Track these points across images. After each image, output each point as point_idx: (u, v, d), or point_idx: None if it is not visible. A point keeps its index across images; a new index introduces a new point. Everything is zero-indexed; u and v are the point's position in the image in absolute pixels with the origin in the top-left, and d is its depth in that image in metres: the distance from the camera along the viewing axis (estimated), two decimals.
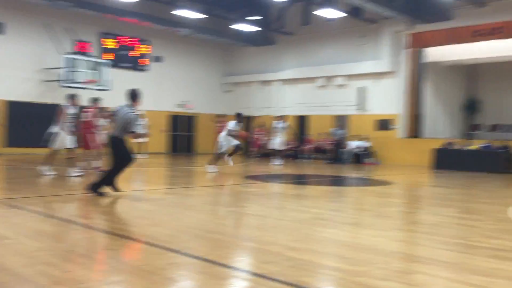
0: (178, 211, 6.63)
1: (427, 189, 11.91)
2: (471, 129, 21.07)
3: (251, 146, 21.32)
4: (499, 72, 20.59)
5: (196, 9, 20.06)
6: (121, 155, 7.52)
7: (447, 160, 17.05)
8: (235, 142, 13.47)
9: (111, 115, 7.76)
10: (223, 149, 13.36)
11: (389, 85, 20.20)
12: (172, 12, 20.20)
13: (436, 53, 19.44)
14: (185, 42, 24.09)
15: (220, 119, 17.81)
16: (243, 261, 4.30)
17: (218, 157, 13.42)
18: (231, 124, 13.41)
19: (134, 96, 7.63)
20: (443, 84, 20.67)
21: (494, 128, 20.37)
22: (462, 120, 21.68)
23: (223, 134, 13.42)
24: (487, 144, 17.04)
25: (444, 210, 7.75)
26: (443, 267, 4.12)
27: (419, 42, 19.25)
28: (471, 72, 21.65)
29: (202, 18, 21.21)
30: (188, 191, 9.52)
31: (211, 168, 13.06)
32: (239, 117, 13.64)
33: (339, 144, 19.84)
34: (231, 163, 14.03)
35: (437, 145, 17.88)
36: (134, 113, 7.42)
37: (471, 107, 21.49)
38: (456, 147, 17.68)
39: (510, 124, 20.11)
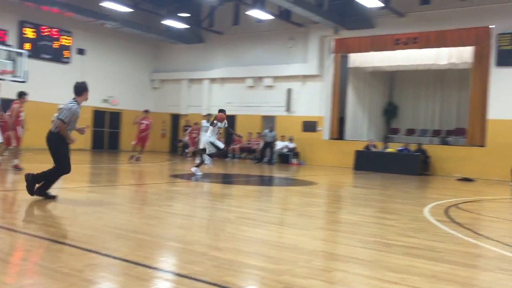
0: (99, 210, 6.39)
1: (349, 190, 12.37)
2: (389, 133, 22.18)
3: (189, 144, 20.55)
4: (415, 80, 21.85)
5: (123, 2, 19.50)
6: (57, 157, 6.67)
7: (368, 162, 17.84)
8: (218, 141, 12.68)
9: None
10: (222, 146, 12.59)
11: (315, 88, 20.77)
12: (99, 4, 19.49)
13: (359, 59, 20.29)
14: (112, 36, 23.33)
15: (143, 116, 17.05)
16: (166, 262, 4.23)
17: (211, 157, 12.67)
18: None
19: (78, 89, 6.86)
20: (365, 89, 21.61)
21: (410, 132, 21.58)
22: (381, 124, 22.77)
23: (208, 134, 12.47)
24: (404, 147, 18.02)
25: (364, 210, 8.10)
26: (361, 265, 4.29)
27: (344, 48, 19.99)
28: (391, 78, 22.80)
29: (130, 12, 20.68)
30: (112, 190, 9.22)
31: (199, 172, 12.26)
32: (220, 112, 12.83)
33: (270, 145, 20.10)
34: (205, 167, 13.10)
35: (358, 147, 18.64)
36: (74, 107, 6.63)
37: (390, 111, 22.63)
38: (375, 149, 18.54)
39: (424, 129, 21.41)
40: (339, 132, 20.59)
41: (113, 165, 16.05)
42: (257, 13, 19.02)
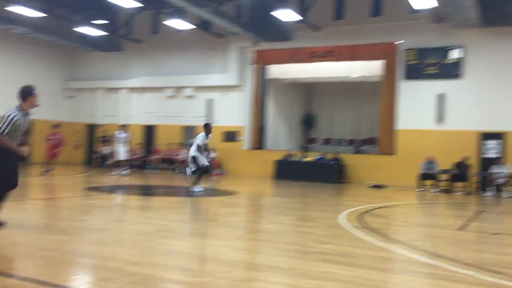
0: (6, 227, 5.95)
1: (269, 199, 12.54)
2: (307, 142, 22.86)
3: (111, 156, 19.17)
4: (331, 91, 22.74)
5: (34, 6, 18.50)
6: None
7: (287, 171, 18.21)
8: (207, 158, 11.69)
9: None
10: (204, 163, 11.45)
11: (236, 98, 20.94)
12: (6, 8, 18.34)
13: (278, 70, 20.77)
14: (21, 42, 21.99)
15: (53, 131, 16.05)
16: (79, 280, 4.02)
17: (199, 177, 11.57)
18: (200, 137, 11.44)
19: (21, 94, 6.03)
20: (284, 99, 22.14)
21: (327, 141, 22.38)
22: (300, 134, 23.41)
23: (193, 149, 11.38)
24: (320, 156, 18.64)
25: (283, 218, 8.25)
26: (280, 273, 4.35)
27: (263, 59, 20.37)
28: (308, 89, 23.55)
29: (42, 17, 19.65)
30: (20, 205, 8.62)
31: (198, 188, 11.40)
32: (207, 127, 11.64)
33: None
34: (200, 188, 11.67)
35: (278, 156, 19.00)
36: (12, 116, 5.79)
37: (308, 121, 23.34)
38: (294, 158, 19.01)
39: (340, 138, 22.30)
40: (259, 142, 20.86)
41: (23, 178, 15.07)
42: (176, 23, 18.87)
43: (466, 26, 16.49)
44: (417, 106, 17.58)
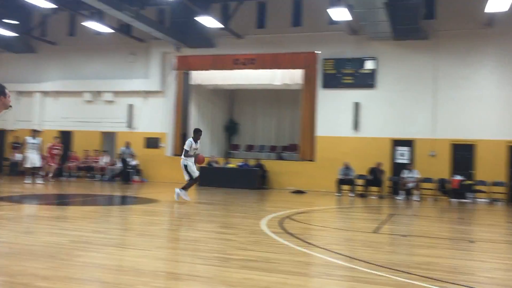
0: None
1: (191, 206, 12.40)
2: (231, 149, 22.96)
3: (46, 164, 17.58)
4: (253, 98, 23.06)
5: None
6: None
7: (210, 177, 18.16)
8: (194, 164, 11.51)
9: None
10: (195, 174, 11.48)
11: (157, 104, 20.58)
12: None
13: (201, 77, 20.71)
14: None
15: None
16: None
17: (191, 184, 11.62)
18: (187, 143, 11.26)
19: None
20: (207, 106, 22.10)
21: (249, 148, 22.62)
22: (223, 140, 23.46)
23: (182, 157, 11.40)
24: (244, 163, 18.79)
25: (205, 226, 8.20)
26: (201, 282, 4.32)
27: (186, 65, 20.22)
28: (231, 96, 23.71)
29: None
30: None
31: (186, 196, 11.50)
32: (197, 133, 11.45)
33: (125, 162, 19.12)
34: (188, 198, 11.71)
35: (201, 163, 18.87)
36: None
37: (231, 128, 23.45)
38: (217, 165, 19.00)
39: (262, 145, 22.64)
40: (182, 149, 20.61)
41: None
42: (94, 25, 18.23)
43: (378, 39, 17.45)
44: (335, 114, 18.28)
